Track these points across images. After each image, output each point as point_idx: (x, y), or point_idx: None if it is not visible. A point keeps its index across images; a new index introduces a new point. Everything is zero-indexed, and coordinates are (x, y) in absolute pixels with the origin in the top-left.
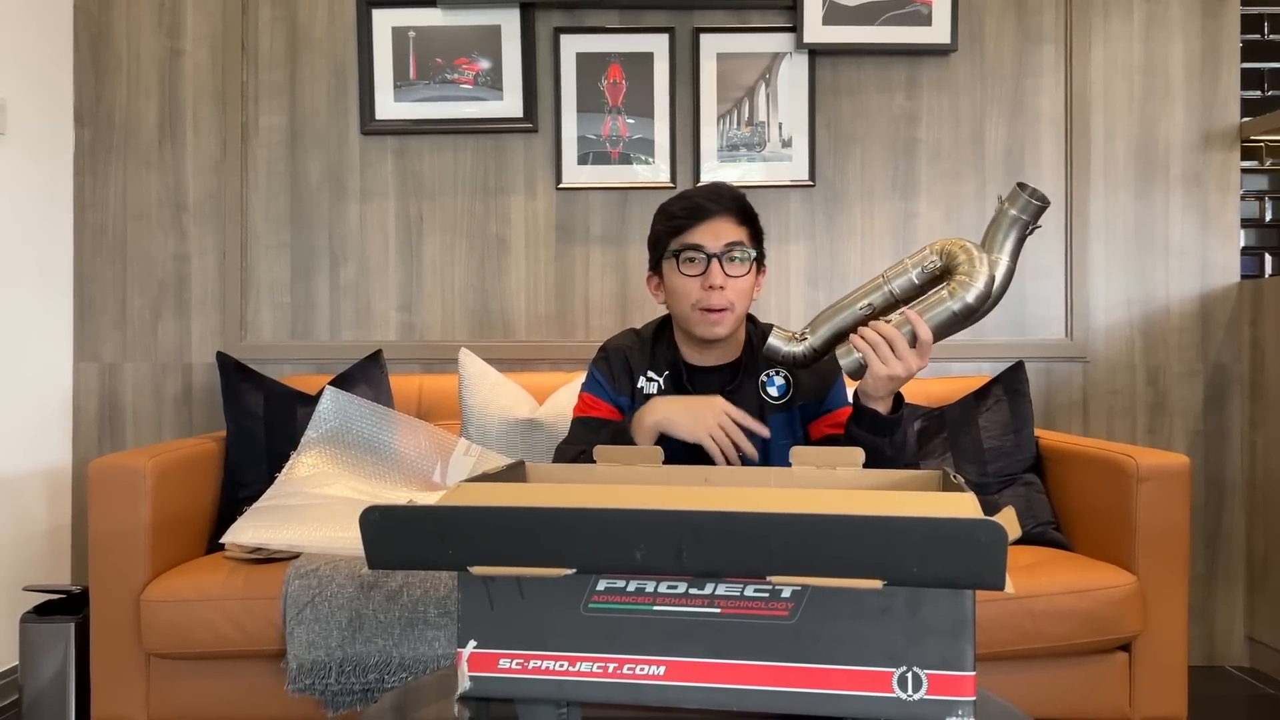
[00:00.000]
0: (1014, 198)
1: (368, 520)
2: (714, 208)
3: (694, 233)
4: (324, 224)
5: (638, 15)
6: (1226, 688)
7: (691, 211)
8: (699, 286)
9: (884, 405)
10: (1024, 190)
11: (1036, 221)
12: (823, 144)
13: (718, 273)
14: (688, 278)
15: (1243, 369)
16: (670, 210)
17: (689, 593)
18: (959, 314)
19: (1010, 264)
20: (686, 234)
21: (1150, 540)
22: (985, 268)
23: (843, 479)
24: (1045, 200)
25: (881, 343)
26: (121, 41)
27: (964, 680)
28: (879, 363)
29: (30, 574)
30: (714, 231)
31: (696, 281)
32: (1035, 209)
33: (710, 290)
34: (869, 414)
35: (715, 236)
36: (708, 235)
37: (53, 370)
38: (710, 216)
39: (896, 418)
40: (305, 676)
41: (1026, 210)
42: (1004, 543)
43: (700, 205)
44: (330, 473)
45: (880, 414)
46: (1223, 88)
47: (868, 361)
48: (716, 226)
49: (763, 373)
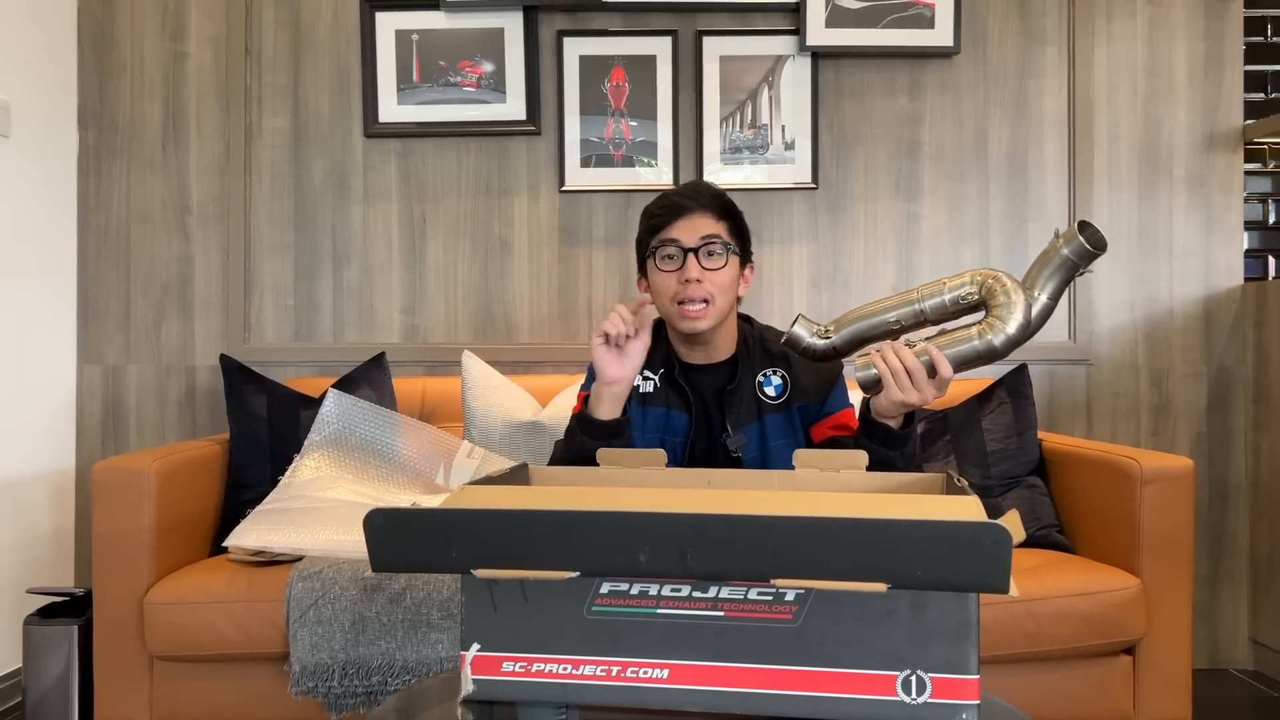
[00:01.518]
0: (1070, 238)
1: (371, 523)
2: (690, 204)
3: (671, 229)
4: (327, 226)
5: (641, 18)
6: (1231, 690)
7: (669, 209)
8: (676, 281)
9: (896, 422)
10: (1083, 232)
11: (1088, 267)
12: (825, 146)
13: (693, 266)
14: (665, 273)
15: (1246, 371)
16: (650, 210)
17: (692, 596)
18: (983, 355)
19: (1050, 304)
20: (664, 230)
21: (1154, 543)
22: (1020, 312)
23: (846, 481)
24: (1103, 245)
25: (901, 371)
26: (125, 44)
27: (968, 683)
28: (896, 390)
29: (34, 576)
30: (690, 227)
31: (674, 276)
32: (1089, 255)
33: (687, 284)
34: (881, 429)
35: (691, 231)
36: (683, 230)
37: (56, 372)
38: (687, 213)
39: (907, 433)
40: (308, 679)
41: (1081, 255)
42: (1008, 546)
43: (677, 203)
44: (333, 476)
45: (893, 430)
46: (1226, 89)
47: (885, 386)
48: (693, 222)
49: (760, 372)
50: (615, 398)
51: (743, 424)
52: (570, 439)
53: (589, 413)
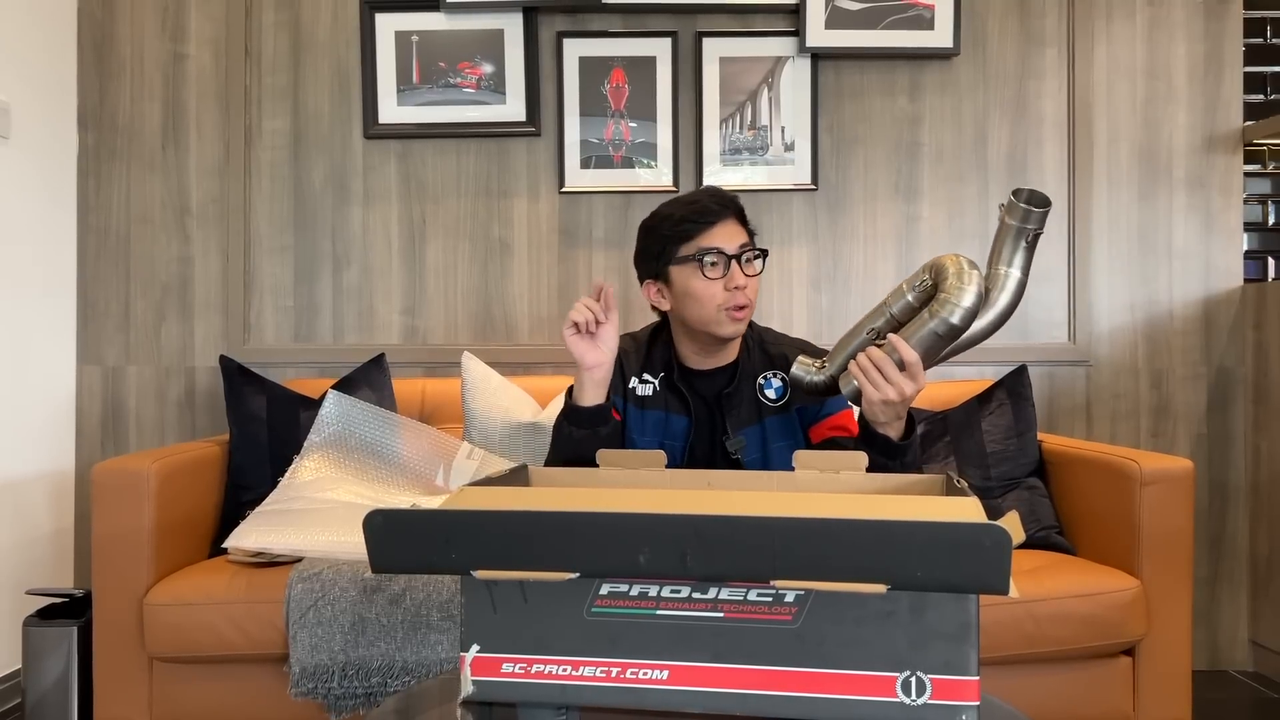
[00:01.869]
0: (1011, 208)
1: (371, 524)
2: (721, 210)
3: (709, 236)
4: (327, 227)
5: (640, 19)
6: (1230, 692)
7: (701, 214)
8: (723, 288)
9: (894, 430)
10: (1019, 197)
11: (1041, 226)
12: (825, 147)
13: (739, 273)
14: (712, 280)
15: (1246, 372)
16: (674, 215)
17: (692, 597)
18: (941, 335)
19: (1021, 276)
20: (701, 238)
21: (1154, 544)
22: (973, 285)
23: (846, 483)
24: (1042, 203)
25: (871, 368)
26: (125, 45)
27: (968, 685)
28: (871, 389)
29: (33, 577)
30: (728, 234)
31: (720, 284)
32: (1034, 216)
33: (735, 291)
34: (880, 439)
35: (730, 238)
36: (722, 238)
37: (56, 374)
38: (720, 219)
39: (907, 443)
40: (308, 680)
41: (1026, 219)
42: (1008, 547)
43: (708, 208)
44: (333, 477)
45: (892, 439)
46: (1225, 91)
47: (862, 388)
48: (729, 229)
49: (760, 374)
50: (597, 383)
51: (743, 426)
52: (558, 435)
53: (574, 402)
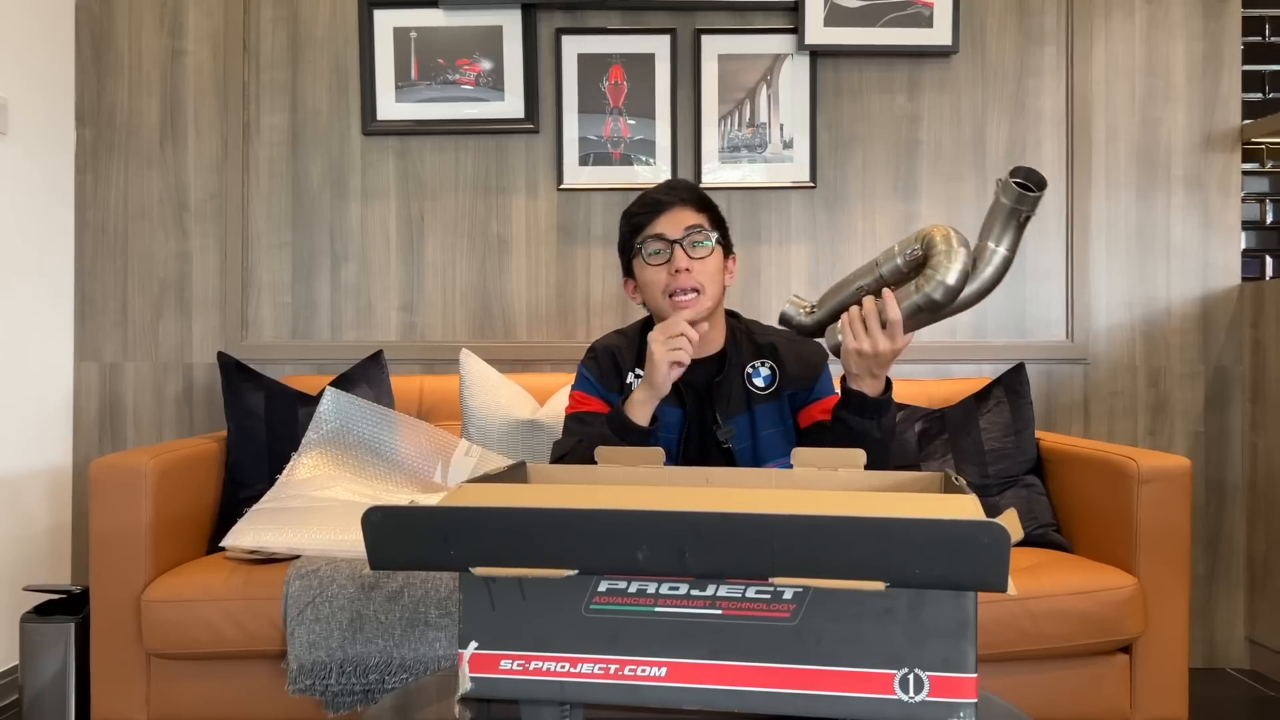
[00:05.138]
0: (1006, 187)
1: (370, 521)
2: (669, 199)
3: (654, 225)
4: (325, 224)
5: (639, 16)
6: (1227, 689)
7: (649, 206)
8: (666, 274)
9: (871, 387)
10: (1014, 176)
11: (1033, 210)
12: (824, 145)
13: (681, 256)
14: (654, 268)
15: (1244, 371)
16: (629, 211)
17: (690, 594)
18: (923, 306)
19: (1008, 254)
20: (648, 228)
21: (1151, 542)
22: (958, 264)
23: (844, 480)
24: (1037, 184)
25: (856, 318)
26: (123, 41)
27: (966, 682)
28: (850, 337)
29: (30, 574)
30: (673, 220)
31: (663, 270)
32: (1027, 200)
33: (677, 274)
34: (856, 396)
35: (674, 224)
36: (667, 225)
37: (53, 370)
38: (667, 208)
39: (885, 400)
40: (306, 677)
41: (1019, 199)
42: (1006, 544)
43: (656, 199)
44: (331, 474)
45: (867, 395)
46: (1224, 89)
47: (842, 334)
48: (675, 215)
49: (748, 363)
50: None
51: (733, 415)
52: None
53: (627, 417)
